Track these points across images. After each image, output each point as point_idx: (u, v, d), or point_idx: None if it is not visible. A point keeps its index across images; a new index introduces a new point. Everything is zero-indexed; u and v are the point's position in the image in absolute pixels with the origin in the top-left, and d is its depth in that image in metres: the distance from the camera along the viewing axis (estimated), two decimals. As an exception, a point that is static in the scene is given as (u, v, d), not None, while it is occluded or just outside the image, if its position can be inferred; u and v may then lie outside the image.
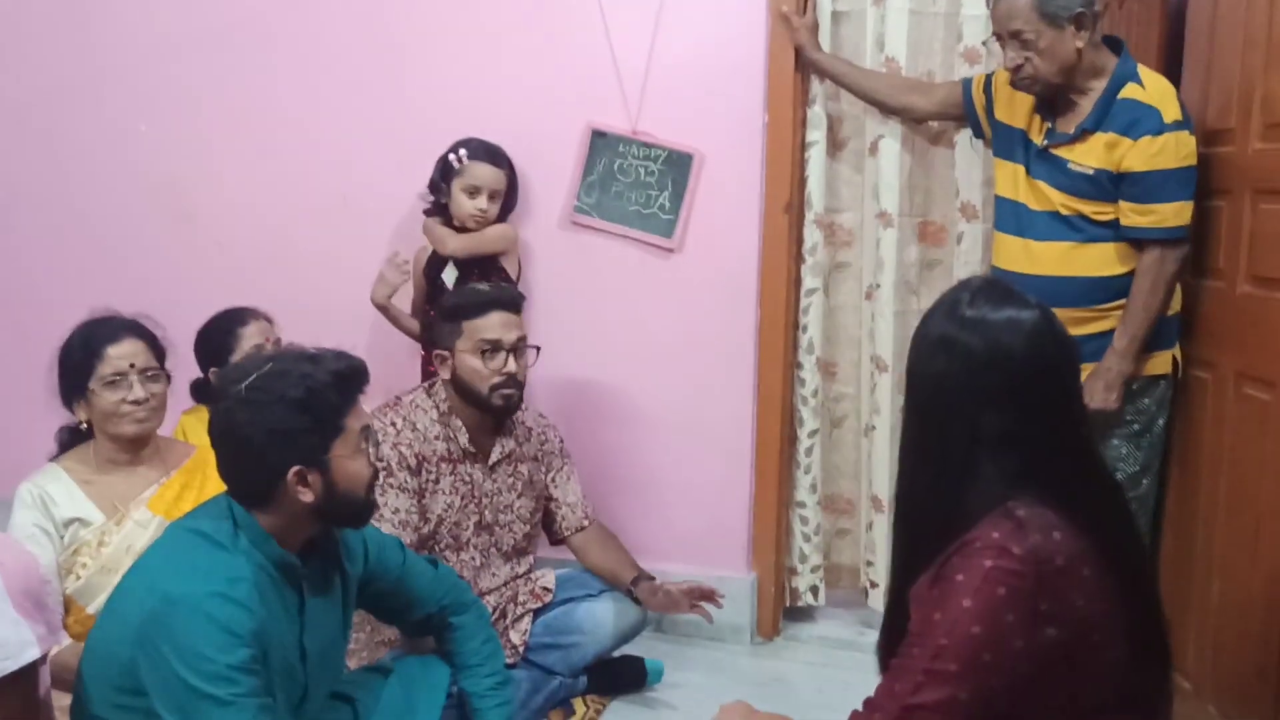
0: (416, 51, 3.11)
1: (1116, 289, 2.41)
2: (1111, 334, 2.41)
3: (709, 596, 2.56)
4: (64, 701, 1.80)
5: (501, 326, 2.51)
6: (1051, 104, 2.48)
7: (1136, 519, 1.92)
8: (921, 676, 1.40)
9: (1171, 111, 2.31)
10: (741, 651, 3.00)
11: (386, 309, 2.94)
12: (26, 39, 3.45)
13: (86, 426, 2.18)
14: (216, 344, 2.60)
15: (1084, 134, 2.40)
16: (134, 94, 3.38)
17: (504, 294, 2.59)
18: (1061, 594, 1.38)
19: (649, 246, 3.01)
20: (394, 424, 2.51)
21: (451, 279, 2.87)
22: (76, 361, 2.15)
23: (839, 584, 3.17)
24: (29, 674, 1.57)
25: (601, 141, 3.00)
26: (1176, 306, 2.44)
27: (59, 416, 2.23)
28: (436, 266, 2.93)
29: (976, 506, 1.44)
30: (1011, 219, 2.56)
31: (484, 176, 2.88)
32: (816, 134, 2.93)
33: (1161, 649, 1.51)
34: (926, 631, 1.41)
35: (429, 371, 2.84)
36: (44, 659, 1.62)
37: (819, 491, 3.07)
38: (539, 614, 2.61)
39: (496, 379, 2.50)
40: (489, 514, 2.59)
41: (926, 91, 2.82)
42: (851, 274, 3.05)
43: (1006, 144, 2.60)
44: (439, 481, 2.52)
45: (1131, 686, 1.46)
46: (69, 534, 2.14)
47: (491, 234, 2.92)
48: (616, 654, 2.74)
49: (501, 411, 2.56)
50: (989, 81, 2.67)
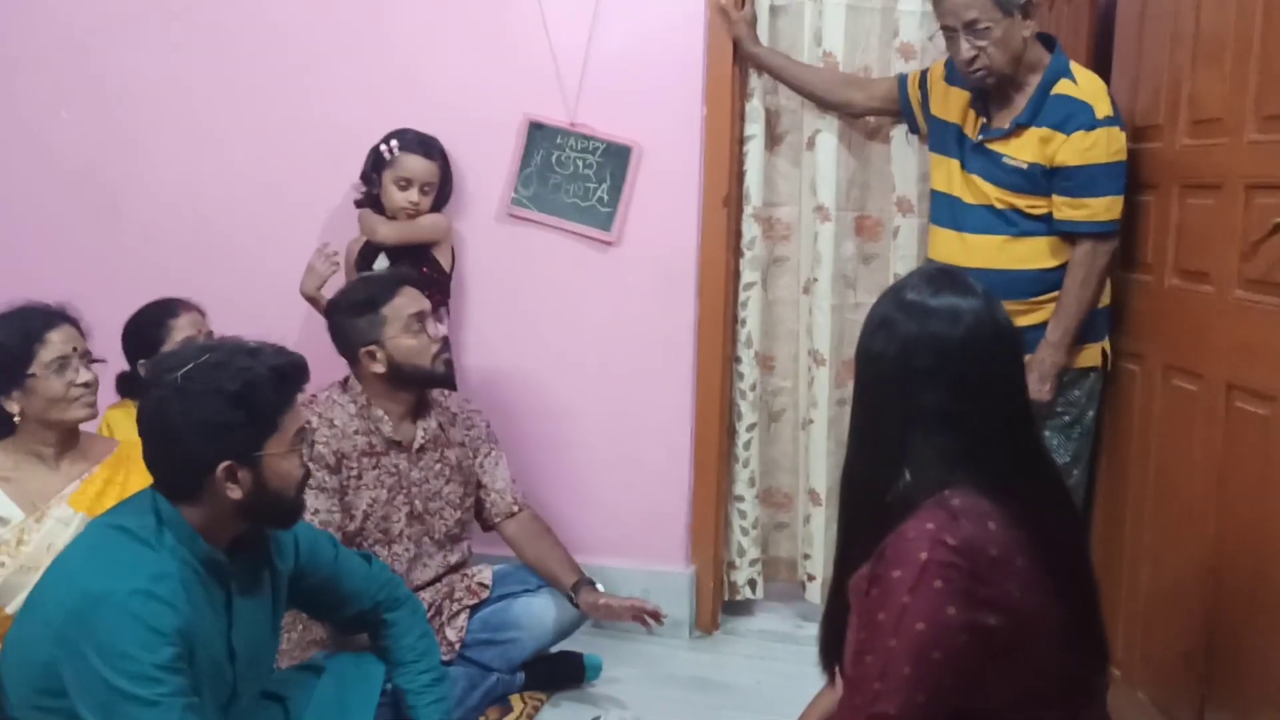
0: (350, 39, 3.06)
1: (1050, 282, 2.45)
2: (1045, 326, 2.44)
3: (655, 616, 2.54)
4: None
5: (415, 298, 2.54)
6: (986, 99, 2.51)
7: (1076, 510, 1.94)
8: (878, 684, 1.39)
9: (1103, 107, 2.36)
10: (680, 646, 2.99)
11: (316, 301, 2.88)
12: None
13: (19, 418, 2.11)
14: (146, 335, 2.53)
15: (1019, 128, 2.43)
16: (53, 80, 3.27)
17: (399, 271, 2.72)
18: (997, 583, 1.39)
19: (587, 240, 2.99)
20: (309, 422, 2.46)
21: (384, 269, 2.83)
22: (14, 349, 2.07)
23: (777, 577, 3.18)
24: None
25: (539, 133, 2.97)
26: (1106, 299, 2.48)
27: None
28: (369, 257, 2.89)
29: (913, 493, 1.45)
30: (947, 213, 2.59)
31: (416, 169, 2.85)
32: (755, 128, 2.93)
33: (1097, 639, 1.53)
34: (874, 635, 1.41)
35: None
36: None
37: (757, 485, 3.07)
38: (476, 610, 2.58)
39: (435, 346, 2.53)
40: (419, 503, 2.56)
41: (864, 87, 2.84)
42: (789, 268, 3.06)
43: (942, 139, 2.62)
44: (361, 476, 2.49)
45: (1068, 677, 1.47)
46: (-14, 532, 2.06)
47: (424, 223, 2.88)
48: (554, 649, 2.71)
49: (445, 377, 2.61)
50: (924, 77, 2.70)
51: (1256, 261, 1.91)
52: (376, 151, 2.87)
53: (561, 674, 2.72)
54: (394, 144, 2.85)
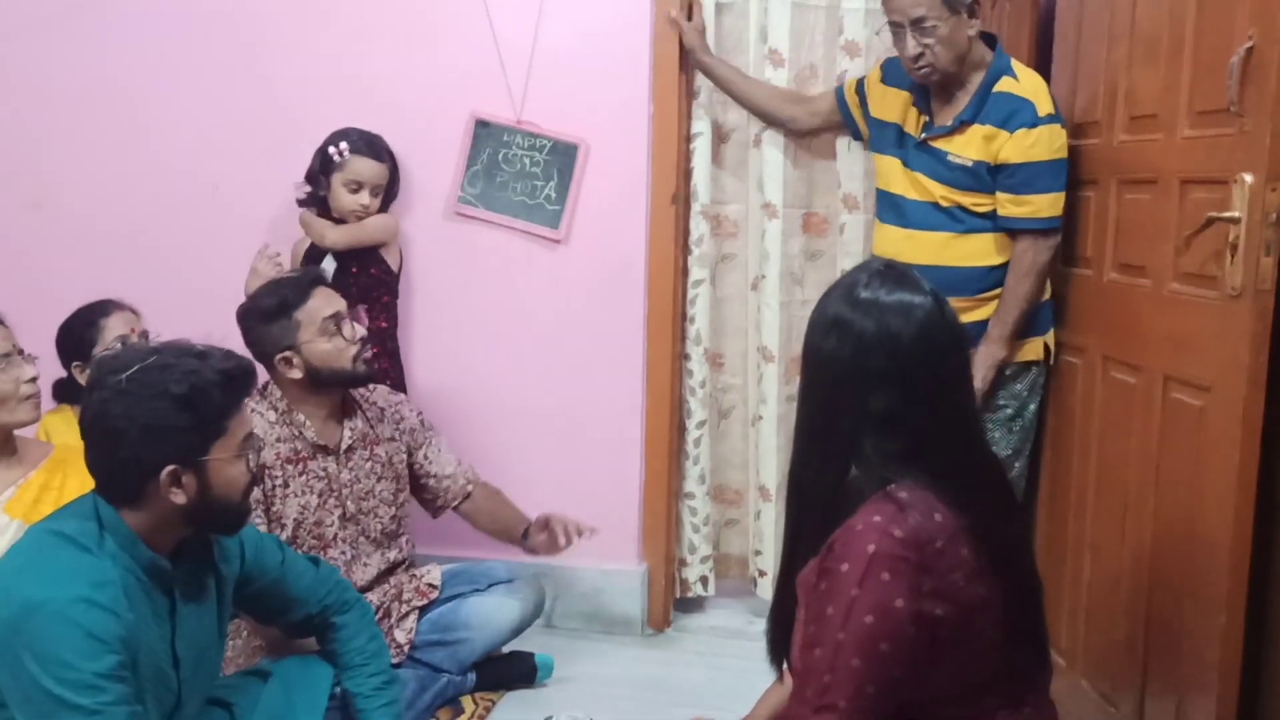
0: (292, 36, 3.01)
1: (995, 279, 2.49)
2: (988, 323, 2.47)
3: (580, 532, 2.60)
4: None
5: (330, 299, 2.47)
6: (929, 97, 2.54)
7: (1017, 503, 1.97)
8: (827, 677, 1.40)
9: (1045, 105, 2.40)
10: (632, 643, 2.99)
11: (260, 303, 2.84)
12: None
13: None
14: (78, 336, 2.48)
15: (962, 125, 2.46)
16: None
17: (310, 271, 2.59)
18: (943, 574, 1.40)
19: (535, 238, 2.98)
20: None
21: (330, 270, 2.79)
22: None
23: (728, 574, 3.19)
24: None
25: (485, 131, 2.95)
26: (1048, 294, 2.52)
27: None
28: (316, 258, 2.85)
29: (860, 488, 1.46)
30: (892, 210, 2.61)
31: (366, 172, 2.81)
32: (701, 125, 2.94)
33: (1038, 629, 1.55)
34: (822, 628, 1.41)
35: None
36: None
37: (708, 482, 3.08)
38: (425, 611, 2.56)
39: (353, 348, 2.46)
40: (351, 504, 2.51)
41: (808, 104, 2.87)
42: (737, 265, 3.07)
43: (882, 139, 2.65)
44: (288, 485, 2.43)
45: (1011, 665, 1.49)
46: (-82, 542, 2.01)
47: (372, 225, 2.84)
48: (505, 649, 2.70)
49: (367, 376, 2.53)
50: (860, 83, 2.74)
51: (1191, 255, 1.94)
52: (324, 153, 2.81)
53: (513, 674, 2.71)
54: (343, 145, 2.80)
